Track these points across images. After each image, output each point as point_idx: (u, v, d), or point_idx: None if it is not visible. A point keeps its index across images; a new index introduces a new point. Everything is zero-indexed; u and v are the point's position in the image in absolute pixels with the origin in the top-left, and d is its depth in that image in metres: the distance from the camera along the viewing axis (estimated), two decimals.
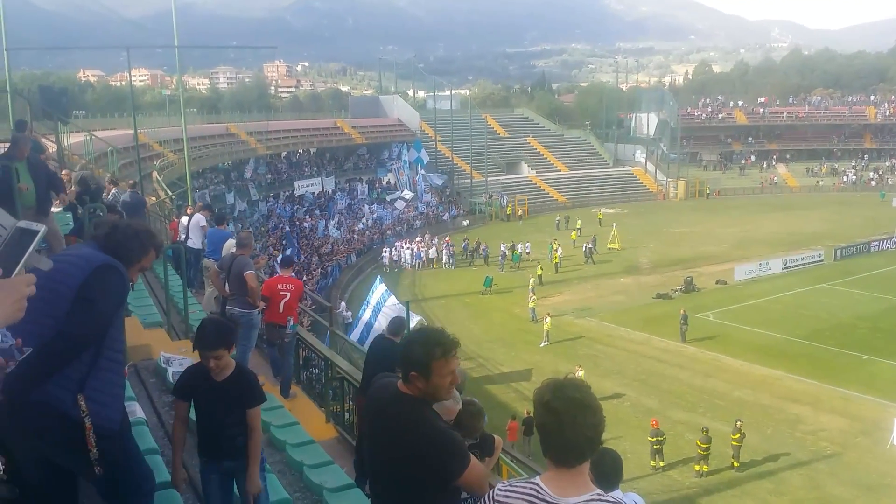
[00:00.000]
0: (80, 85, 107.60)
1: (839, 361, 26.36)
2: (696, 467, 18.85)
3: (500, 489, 2.47)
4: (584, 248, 44.71)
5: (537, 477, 2.43)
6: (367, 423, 3.59)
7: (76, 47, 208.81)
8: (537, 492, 2.37)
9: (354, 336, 21.28)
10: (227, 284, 9.37)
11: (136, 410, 5.37)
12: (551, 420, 2.35)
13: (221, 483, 4.80)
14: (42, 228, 2.19)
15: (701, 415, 22.10)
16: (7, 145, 9.82)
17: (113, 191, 14.08)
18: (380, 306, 22.05)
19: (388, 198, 58.19)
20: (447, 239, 48.99)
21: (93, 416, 3.24)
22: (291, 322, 9.64)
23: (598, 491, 2.41)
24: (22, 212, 7.86)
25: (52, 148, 18.55)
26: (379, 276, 27.51)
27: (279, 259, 11.17)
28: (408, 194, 57.77)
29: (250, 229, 33.08)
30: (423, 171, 60.97)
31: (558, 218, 57.21)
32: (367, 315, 22.49)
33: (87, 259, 3.35)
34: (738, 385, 24.58)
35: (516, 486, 2.44)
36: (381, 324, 21.67)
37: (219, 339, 4.57)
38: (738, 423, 19.23)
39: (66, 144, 23.07)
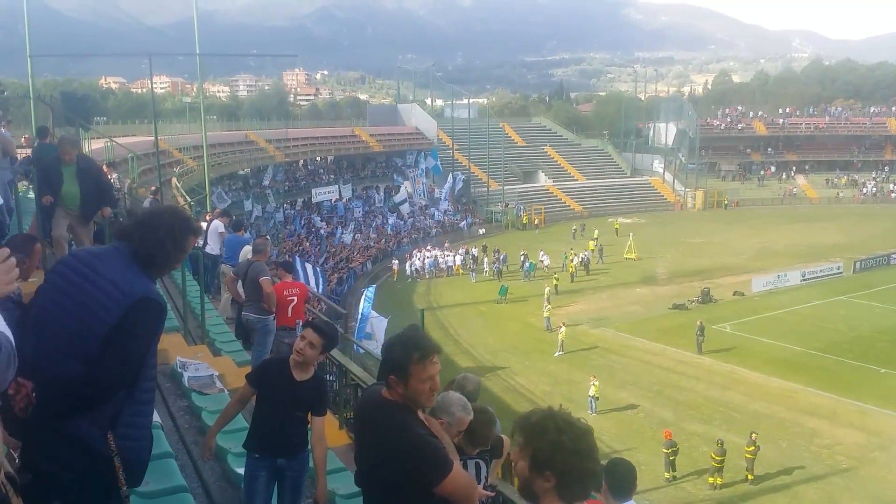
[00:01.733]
0: (101, 92, 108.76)
1: (857, 375, 26.11)
2: (711, 480, 18.73)
3: None
4: (581, 258, 44.11)
5: None
6: (354, 430, 3.60)
7: (98, 54, 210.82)
8: None
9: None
10: (242, 290, 9.50)
11: None
12: (576, 459, 2.28)
13: (268, 482, 4.83)
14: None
15: (717, 427, 21.94)
16: (29, 151, 10.01)
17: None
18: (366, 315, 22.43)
19: (397, 199, 57.68)
20: (465, 247, 48.94)
21: (126, 453, 3.08)
22: (300, 324, 9.75)
23: None
24: (67, 213, 8.05)
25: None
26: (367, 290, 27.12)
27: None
28: (419, 200, 57.54)
29: (267, 236, 33.28)
30: (450, 182, 60.77)
31: (574, 227, 57.10)
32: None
33: (122, 291, 3.03)
34: (755, 397, 24.39)
35: None
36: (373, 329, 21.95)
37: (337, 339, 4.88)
38: (753, 435, 19.10)
39: (87, 150, 23.39)
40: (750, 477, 18.77)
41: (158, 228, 3.20)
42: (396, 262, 45.58)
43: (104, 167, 15.83)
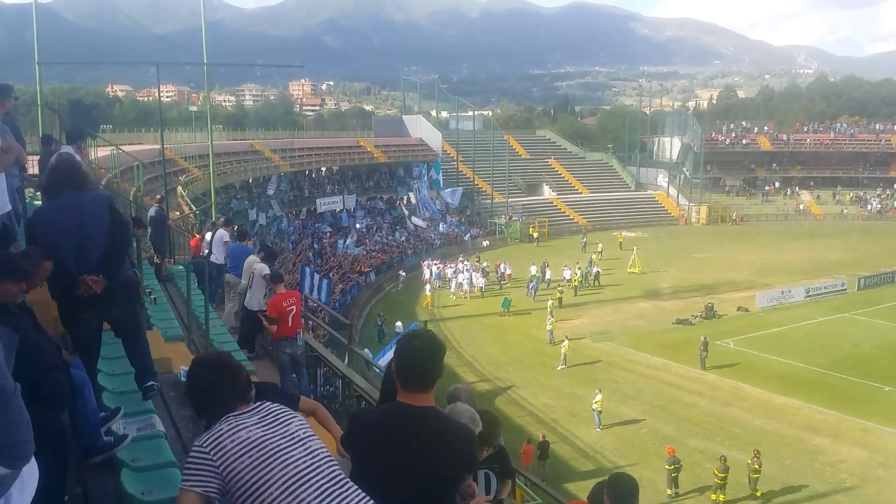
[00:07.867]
0: (108, 99, 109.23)
1: (860, 392, 26.01)
2: (713, 496, 18.62)
3: None
4: (586, 271, 43.92)
5: None
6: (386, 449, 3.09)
7: (106, 62, 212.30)
8: None
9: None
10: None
11: (155, 423, 5.43)
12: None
13: None
14: None
15: (719, 443, 21.85)
16: (37, 159, 9.95)
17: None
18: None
19: (407, 212, 57.80)
20: (472, 258, 48.84)
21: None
22: (301, 334, 9.77)
23: None
24: None
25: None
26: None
27: (269, 277, 10.83)
28: (424, 216, 57.50)
29: (270, 245, 33.22)
30: (447, 192, 60.81)
31: (584, 239, 56.91)
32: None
33: (100, 202, 5.19)
34: (758, 414, 24.31)
35: None
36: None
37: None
38: (755, 453, 18.91)
39: (93, 158, 23.47)
40: (758, 494, 18.67)
41: (80, 167, 5.65)
42: (428, 285, 42.32)
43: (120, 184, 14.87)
